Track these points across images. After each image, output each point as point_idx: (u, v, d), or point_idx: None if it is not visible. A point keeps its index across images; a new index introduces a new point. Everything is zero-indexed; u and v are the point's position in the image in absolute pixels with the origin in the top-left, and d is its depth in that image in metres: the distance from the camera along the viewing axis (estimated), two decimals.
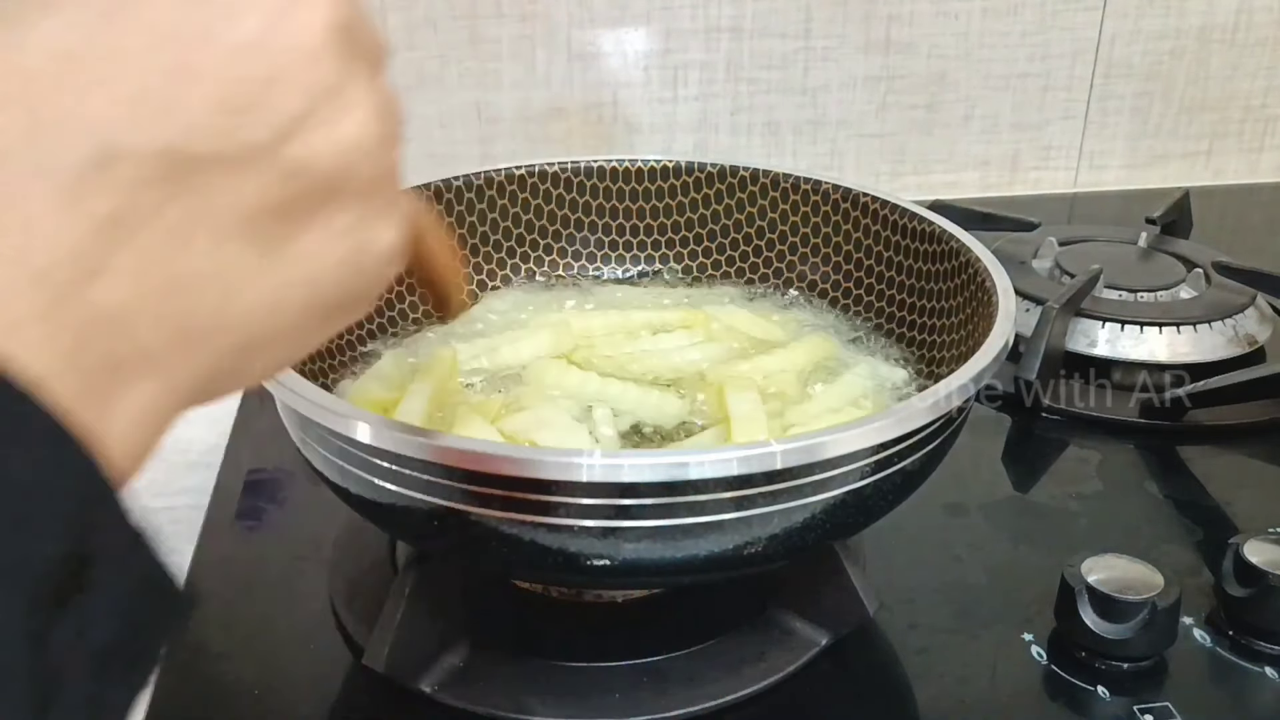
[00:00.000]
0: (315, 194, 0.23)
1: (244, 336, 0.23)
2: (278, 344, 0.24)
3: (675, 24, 0.90)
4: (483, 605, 0.48)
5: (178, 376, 0.22)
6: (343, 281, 0.25)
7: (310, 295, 0.24)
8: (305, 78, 0.22)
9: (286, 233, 0.23)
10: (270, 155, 0.22)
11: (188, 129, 0.21)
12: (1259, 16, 0.98)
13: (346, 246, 0.24)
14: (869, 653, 0.47)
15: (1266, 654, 0.47)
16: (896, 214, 0.56)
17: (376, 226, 0.25)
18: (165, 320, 0.21)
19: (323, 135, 0.23)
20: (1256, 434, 0.63)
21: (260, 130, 0.22)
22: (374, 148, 0.24)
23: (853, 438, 0.37)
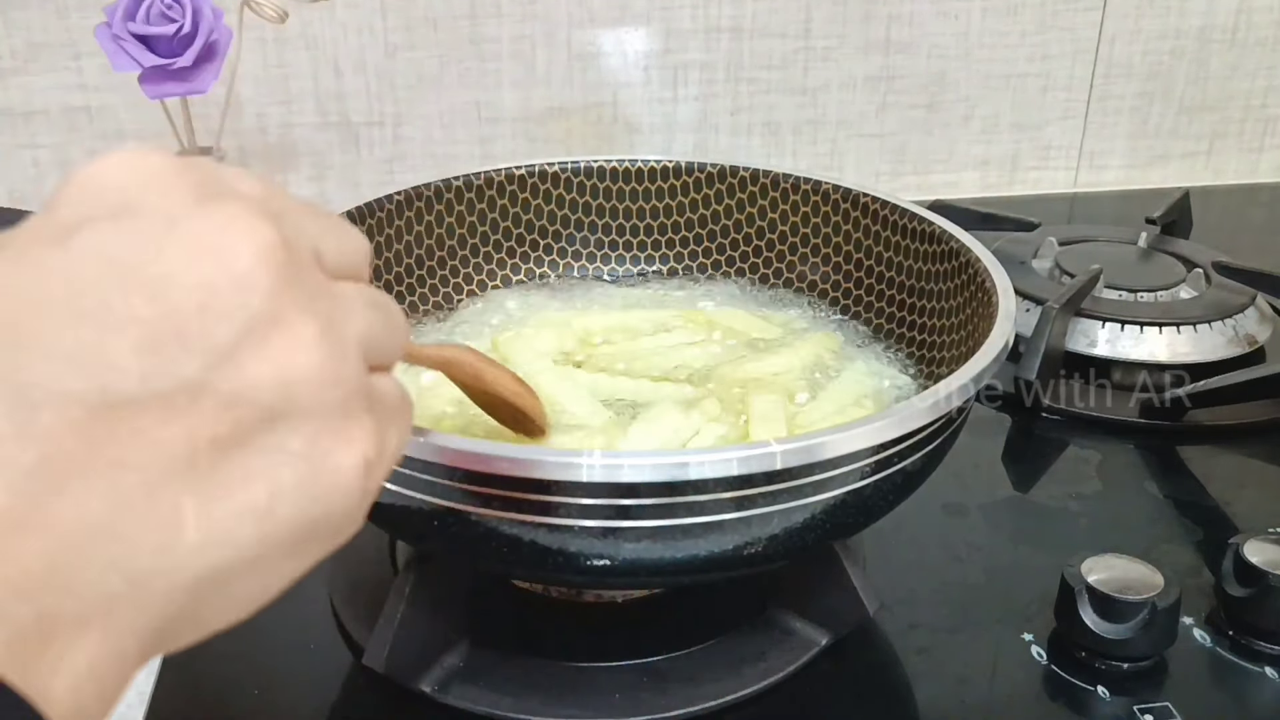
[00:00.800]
0: (257, 422, 0.22)
1: (194, 576, 0.22)
2: (239, 582, 0.23)
3: (675, 24, 0.90)
4: (483, 605, 0.48)
5: (124, 628, 0.21)
6: (302, 505, 0.23)
7: (264, 526, 0.22)
8: (234, 305, 0.22)
9: (228, 465, 0.22)
10: (202, 388, 0.21)
11: (112, 372, 0.20)
12: (1259, 16, 0.98)
13: (300, 471, 0.23)
14: (869, 653, 0.47)
15: (1266, 654, 0.47)
16: (896, 214, 0.56)
17: (333, 447, 0.24)
18: (101, 568, 0.20)
19: (258, 361, 0.22)
20: (1256, 434, 0.63)
21: (189, 364, 0.21)
22: (318, 372, 0.23)
23: (853, 438, 0.37)
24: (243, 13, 0.73)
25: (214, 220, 0.22)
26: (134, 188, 0.22)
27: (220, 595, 0.23)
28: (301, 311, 0.23)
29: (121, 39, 0.69)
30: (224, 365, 0.21)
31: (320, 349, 0.23)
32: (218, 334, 0.21)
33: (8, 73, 0.84)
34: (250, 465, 0.22)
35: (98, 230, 0.21)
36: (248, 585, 0.23)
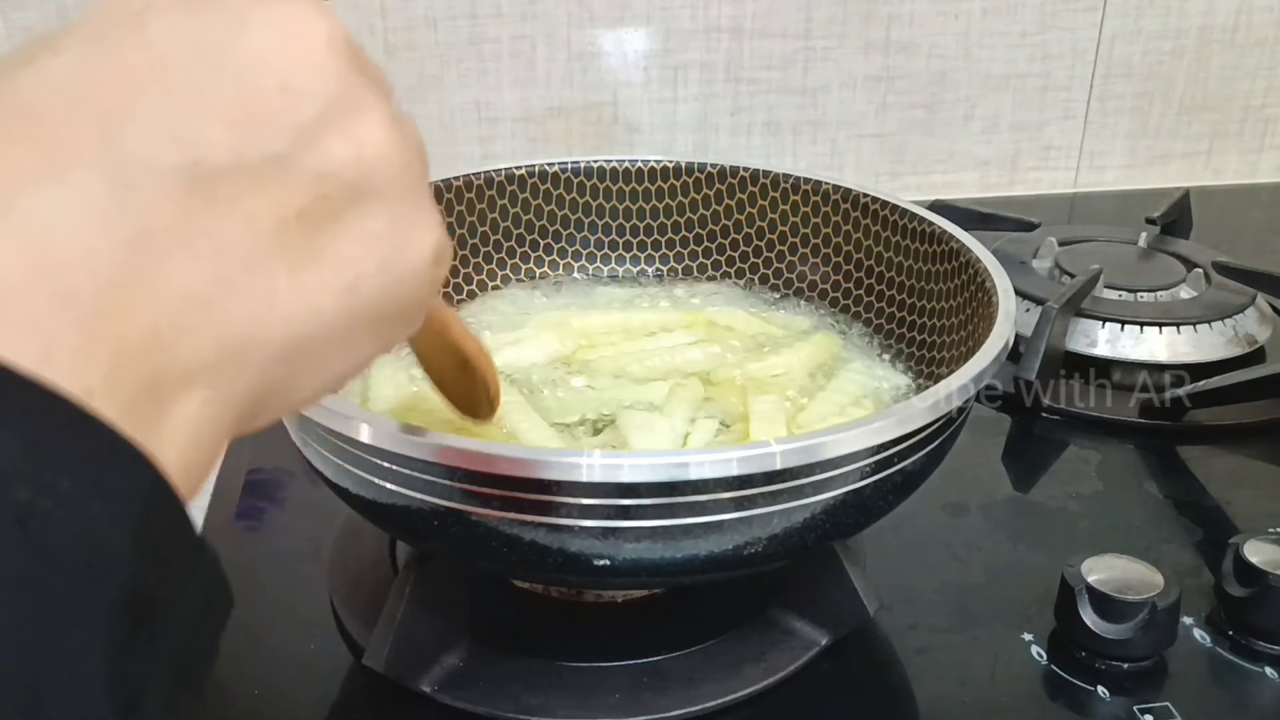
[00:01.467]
0: (341, 199, 0.23)
1: (287, 345, 0.23)
2: (325, 355, 0.24)
3: (675, 24, 0.90)
4: (483, 605, 0.48)
5: (224, 391, 0.22)
6: (383, 287, 0.24)
7: (350, 301, 0.24)
8: (315, 86, 0.23)
9: (317, 239, 0.23)
10: (290, 163, 0.22)
11: (203, 146, 0.21)
12: (1259, 16, 0.98)
13: (382, 251, 0.24)
14: (869, 653, 0.47)
15: (1266, 654, 0.47)
16: (896, 214, 0.56)
17: (410, 230, 0.25)
18: (202, 334, 0.21)
19: (340, 140, 0.23)
20: (1256, 434, 0.63)
21: (276, 140, 0.22)
22: (393, 153, 0.24)
23: (853, 438, 0.37)
24: None
25: (285, 9, 0.23)
26: None
27: (307, 367, 0.24)
28: (372, 96, 0.24)
29: None
30: (308, 142, 0.22)
31: (392, 132, 0.24)
32: (300, 112, 0.22)
33: None
34: (336, 241, 0.23)
35: (173, 14, 0.22)
36: (332, 360, 0.24)
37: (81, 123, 0.20)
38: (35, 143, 0.20)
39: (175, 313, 0.20)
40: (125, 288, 0.20)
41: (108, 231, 0.20)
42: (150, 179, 0.20)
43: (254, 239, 0.22)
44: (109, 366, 0.19)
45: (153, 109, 0.21)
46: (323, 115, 0.23)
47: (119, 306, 0.20)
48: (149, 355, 0.20)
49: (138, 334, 0.20)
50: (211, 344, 0.21)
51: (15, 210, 0.19)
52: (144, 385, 0.20)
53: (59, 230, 0.19)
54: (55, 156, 0.20)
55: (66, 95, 0.20)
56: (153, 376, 0.20)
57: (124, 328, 0.20)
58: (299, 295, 0.23)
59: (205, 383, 0.21)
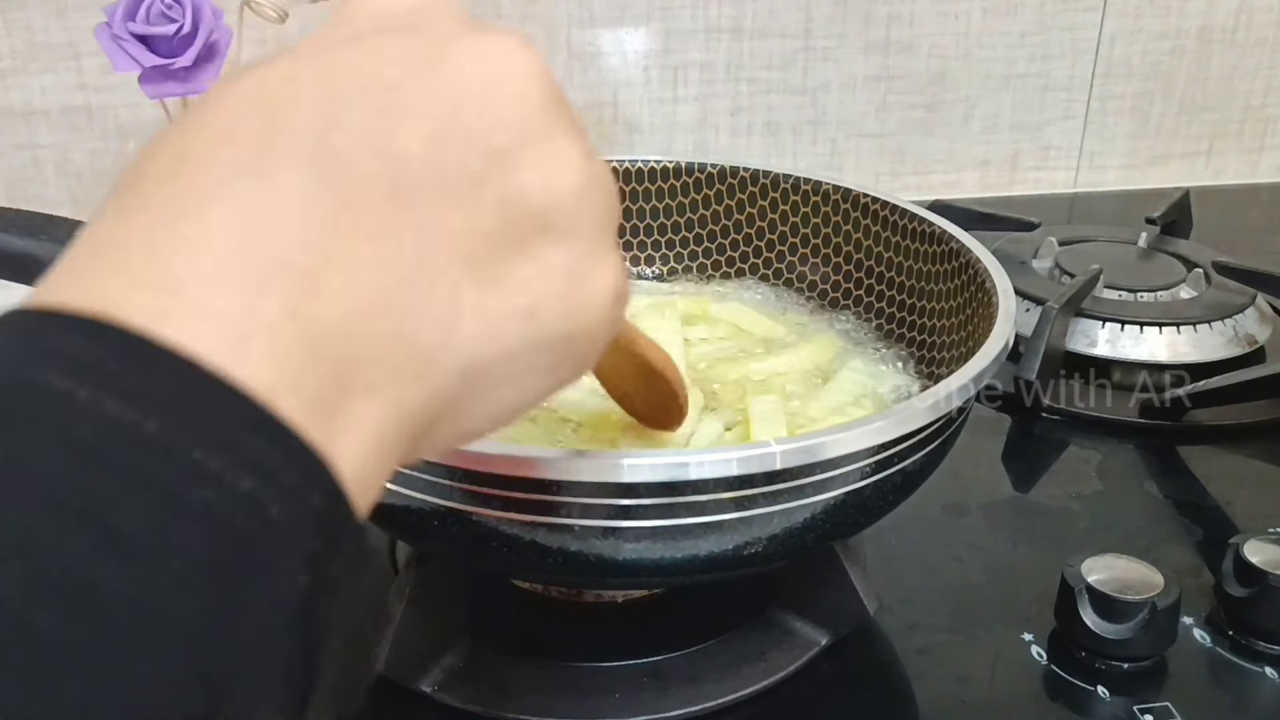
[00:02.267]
0: (527, 227, 0.24)
1: (465, 362, 0.23)
2: (500, 381, 0.24)
3: (675, 24, 0.90)
4: (483, 605, 0.48)
5: (402, 401, 0.22)
6: (562, 319, 0.25)
7: (529, 328, 0.24)
8: (513, 114, 0.23)
9: (502, 263, 0.23)
10: (484, 185, 0.23)
11: (403, 159, 0.22)
12: (1259, 16, 0.98)
13: (562, 284, 0.24)
14: (869, 653, 0.47)
15: (1266, 654, 0.47)
16: (896, 214, 0.56)
17: (592, 268, 0.25)
18: (389, 336, 0.21)
19: (532, 170, 0.23)
20: (1256, 434, 0.63)
21: (472, 160, 0.23)
22: (582, 190, 0.24)
23: (853, 438, 0.37)
24: (243, 13, 0.73)
25: (490, 40, 0.24)
26: (410, 14, 0.24)
27: (482, 391, 0.24)
28: (567, 133, 0.25)
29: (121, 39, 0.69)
30: (502, 167, 0.23)
31: (583, 171, 0.25)
32: (497, 138, 0.23)
33: (8, 73, 0.84)
34: (520, 269, 0.24)
35: (385, 38, 0.23)
36: (505, 388, 0.24)
37: (291, 123, 0.21)
38: (248, 141, 0.21)
39: (366, 311, 0.21)
40: (323, 280, 0.20)
41: (311, 224, 0.20)
42: (354, 182, 0.21)
43: (445, 251, 0.22)
44: (299, 363, 0.19)
45: (360, 119, 0.21)
46: (518, 143, 0.23)
47: (316, 297, 0.20)
48: (338, 351, 0.20)
49: (330, 326, 0.20)
50: (397, 348, 0.21)
51: (227, 197, 0.20)
52: (330, 382, 0.20)
53: (267, 217, 0.20)
54: (268, 153, 0.21)
55: (281, 100, 0.21)
56: (339, 374, 0.20)
57: (318, 319, 0.20)
58: (481, 316, 0.23)
59: (386, 390, 0.21)
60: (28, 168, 0.87)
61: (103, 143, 0.87)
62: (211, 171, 0.20)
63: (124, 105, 0.86)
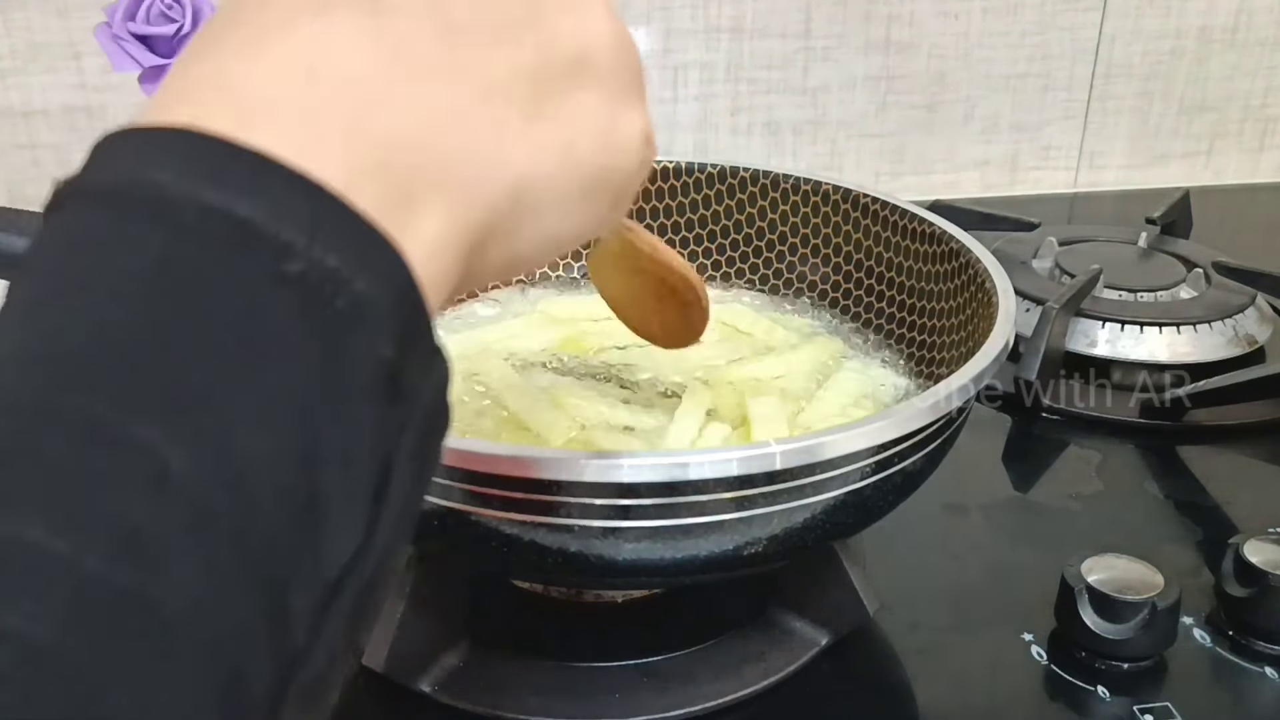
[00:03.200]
0: (564, 68, 0.26)
1: (513, 183, 0.25)
2: (543, 206, 0.26)
3: (675, 24, 0.90)
4: (483, 605, 0.48)
5: (457, 210, 0.23)
6: (597, 152, 0.27)
7: (568, 158, 0.26)
8: None
9: (541, 98, 0.25)
10: (523, 28, 0.25)
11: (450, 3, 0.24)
12: (1259, 17, 0.98)
13: (597, 121, 0.27)
14: (869, 653, 0.47)
15: (1266, 654, 0.47)
16: (896, 214, 0.56)
17: (622, 111, 0.27)
18: (445, 150, 0.23)
19: (569, 18, 0.26)
20: (1256, 434, 0.63)
21: (515, 8, 0.25)
22: (613, 42, 0.27)
23: (853, 438, 0.37)
24: None
25: None
26: None
27: (528, 215, 0.26)
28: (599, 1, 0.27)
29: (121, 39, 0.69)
30: (539, 13, 0.25)
31: (614, 24, 0.27)
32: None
33: (8, 73, 0.84)
34: (557, 104, 0.26)
35: None
36: (549, 214, 0.26)
37: None
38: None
39: (425, 125, 0.23)
40: (383, 98, 0.22)
41: (369, 52, 0.22)
42: (406, 18, 0.23)
43: (490, 82, 0.24)
44: (369, 164, 0.21)
45: None
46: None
47: (378, 111, 0.22)
48: (400, 161, 0.22)
49: (393, 138, 0.22)
50: (451, 163, 0.23)
51: (291, 35, 0.22)
52: (398, 187, 0.22)
53: (329, 50, 0.22)
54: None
55: None
56: (403, 180, 0.22)
57: (381, 131, 0.22)
58: (525, 139, 0.25)
59: (443, 200, 0.23)
60: (28, 168, 0.87)
61: None
62: (276, 14, 0.22)
63: (124, 105, 0.85)
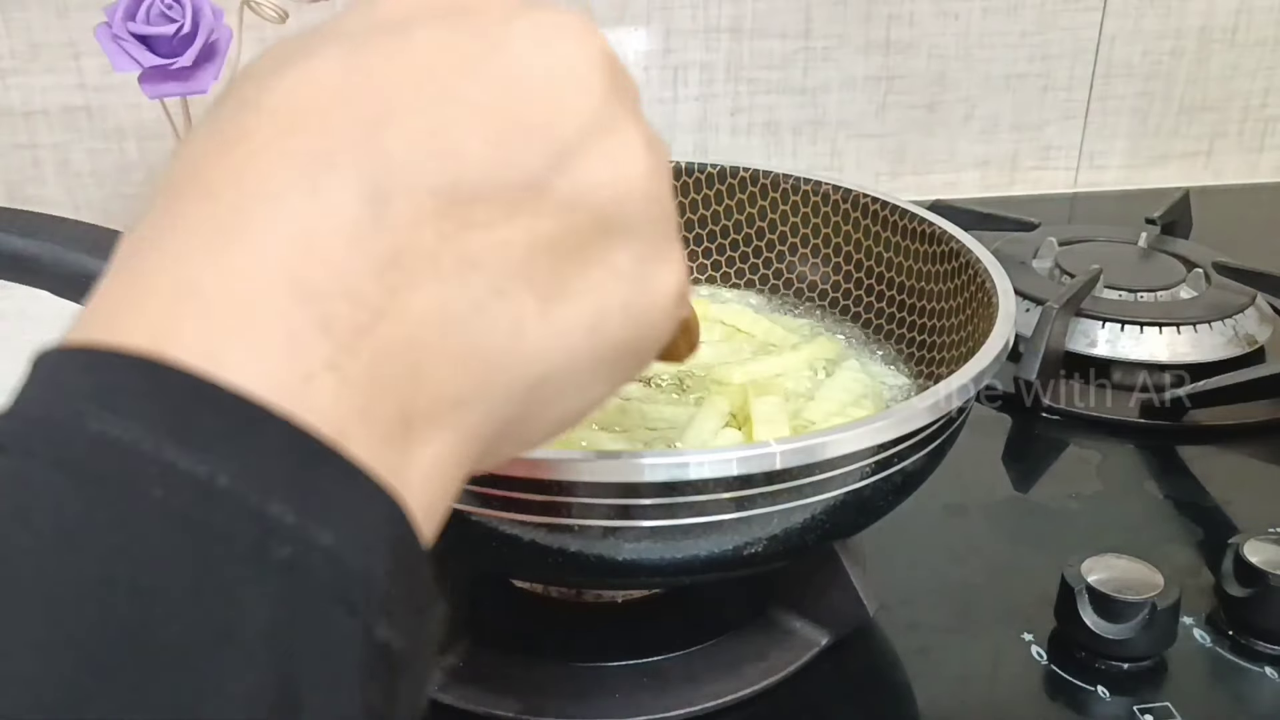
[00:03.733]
0: (591, 229, 0.22)
1: (531, 380, 0.22)
2: (563, 393, 0.23)
3: (675, 24, 0.90)
4: (483, 605, 0.48)
5: (467, 428, 0.21)
6: (627, 325, 0.23)
7: (595, 338, 0.23)
8: (578, 106, 0.22)
9: (564, 271, 0.22)
10: (545, 187, 0.21)
11: (461, 162, 0.20)
12: (1259, 16, 0.98)
13: (627, 290, 0.23)
14: (869, 653, 0.47)
15: (1266, 654, 0.47)
16: (896, 214, 0.56)
17: (656, 269, 0.24)
18: (452, 363, 0.20)
19: (597, 166, 0.22)
20: (1256, 434, 0.63)
21: (535, 160, 0.21)
22: (648, 183, 0.23)
23: (853, 438, 0.37)
24: (243, 13, 0.73)
25: (550, 22, 0.22)
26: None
27: (546, 405, 0.23)
28: (630, 120, 0.23)
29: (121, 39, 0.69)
30: (565, 164, 0.21)
31: (648, 159, 0.23)
32: (560, 131, 0.21)
33: (8, 73, 0.84)
34: (584, 276, 0.22)
35: (434, 23, 0.21)
36: (568, 399, 0.23)
37: (340, 131, 0.19)
38: (293, 152, 0.19)
39: (427, 340, 0.20)
40: (381, 311, 0.19)
41: (365, 250, 0.19)
42: (407, 196, 0.19)
43: (506, 266, 0.21)
44: (365, 398, 0.18)
45: (414, 120, 0.20)
46: (582, 135, 0.22)
47: (375, 331, 0.19)
48: (401, 386, 0.19)
49: (392, 361, 0.19)
50: (460, 375, 0.20)
51: (274, 221, 0.18)
52: (397, 416, 0.19)
53: (317, 246, 0.18)
54: (313, 167, 0.19)
55: (325, 102, 0.20)
56: (404, 410, 0.19)
57: (379, 354, 0.19)
58: (545, 329, 0.22)
59: (451, 419, 0.20)
60: (28, 168, 0.87)
61: (103, 143, 0.87)
62: (257, 186, 0.19)
63: (124, 105, 0.86)
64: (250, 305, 0.18)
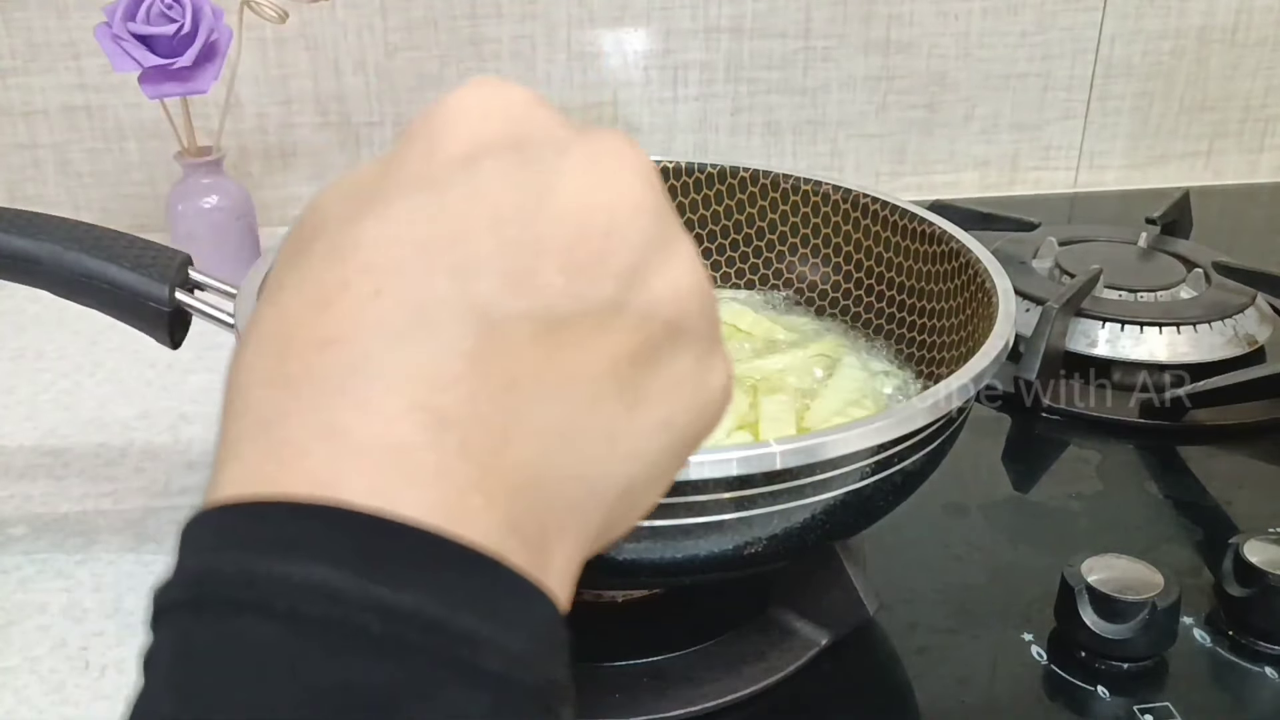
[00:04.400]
0: (663, 337, 0.24)
1: (626, 482, 0.23)
2: (647, 489, 0.25)
3: (675, 24, 0.90)
4: None
5: (584, 530, 0.22)
6: (693, 420, 0.25)
7: (670, 435, 0.24)
8: (637, 226, 0.23)
9: (642, 379, 0.23)
10: (620, 306, 0.22)
11: (548, 292, 0.21)
12: (1259, 16, 0.98)
13: (691, 388, 0.25)
14: (869, 653, 0.47)
15: (1266, 654, 0.47)
16: (896, 214, 0.56)
17: (711, 364, 0.25)
18: (567, 474, 0.22)
19: (661, 280, 0.23)
20: (1256, 434, 0.63)
21: (607, 283, 0.22)
22: (701, 291, 0.24)
23: (853, 438, 0.37)
24: (243, 13, 0.73)
25: (598, 145, 0.23)
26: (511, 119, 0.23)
27: (635, 502, 0.24)
28: (680, 233, 0.24)
29: (121, 39, 0.69)
30: (635, 284, 0.23)
31: (700, 269, 0.25)
32: (626, 254, 0.23)
33: (8, 73, 0.84)
34: (658, 379, 0.24)
35: (498, 159, 0.22)
36: (651, 493, 0.25)
37: (437, 275, 0.20)
38: (398, 298, 0.20)
39: (546, 455, 0.21)
40: (507, 433, 0.20)
41: (485, 378, 0.20)
42: (511, 326, 0.21)
43: (597, 381, 0.22)
44: (507, 513, 0.20)
45: (499, 259, 0.21)
46: (645, 256, 0.23)
47: (506, 452, 0.20)
48: (535, 498, 0.21)
49: (522, 478, 0.20)
50: (574, 483, 0.22)
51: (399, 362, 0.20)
52: (536, 528, 0.21)
53: (442, 378, 0.20)
54: (420, 309, 0.20)
55: (414, 253, 0.21)
56: (540, 519, 0.21)
57: (513, 474, 0.20)
58: (633, 434, 0.23)
59: (573, 524, 0.22)
60: (28, 168, 0.87)
61: (103, 143, 0.87)
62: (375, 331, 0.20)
63: (124, 105, 0.86)
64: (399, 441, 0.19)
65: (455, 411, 0.20)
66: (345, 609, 0.17)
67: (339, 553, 0.18)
